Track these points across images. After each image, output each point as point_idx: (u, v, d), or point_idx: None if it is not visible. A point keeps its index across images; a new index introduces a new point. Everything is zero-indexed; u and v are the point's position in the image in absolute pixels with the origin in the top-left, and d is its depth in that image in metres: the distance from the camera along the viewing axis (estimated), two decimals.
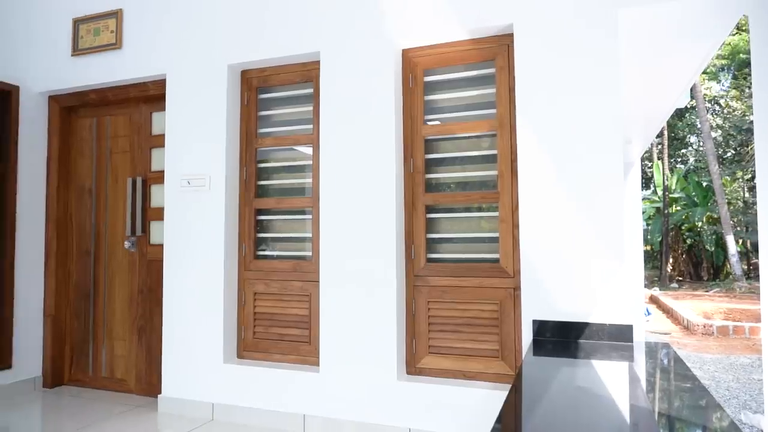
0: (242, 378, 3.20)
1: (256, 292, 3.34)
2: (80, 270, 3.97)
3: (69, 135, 4.05)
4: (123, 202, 3.82)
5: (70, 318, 3.99)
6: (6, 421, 3.34)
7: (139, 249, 3.76)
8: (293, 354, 3.23)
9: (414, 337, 2.96)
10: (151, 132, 3.78)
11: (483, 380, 2.82)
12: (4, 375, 3.70)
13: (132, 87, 3.70)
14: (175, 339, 3.38)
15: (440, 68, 3.02)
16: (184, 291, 3.36)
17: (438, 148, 3.04)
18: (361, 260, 2.96)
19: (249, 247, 3.37)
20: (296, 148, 3.37)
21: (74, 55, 3.80)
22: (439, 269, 2.95)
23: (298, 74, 3.31)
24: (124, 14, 3.66)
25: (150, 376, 3.68)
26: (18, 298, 3.79)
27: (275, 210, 3.39)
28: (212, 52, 3.37)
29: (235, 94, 3.39)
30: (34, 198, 3.91)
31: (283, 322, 3.28)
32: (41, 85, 3.91)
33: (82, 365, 3.94)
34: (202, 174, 3.33)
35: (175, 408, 3.34)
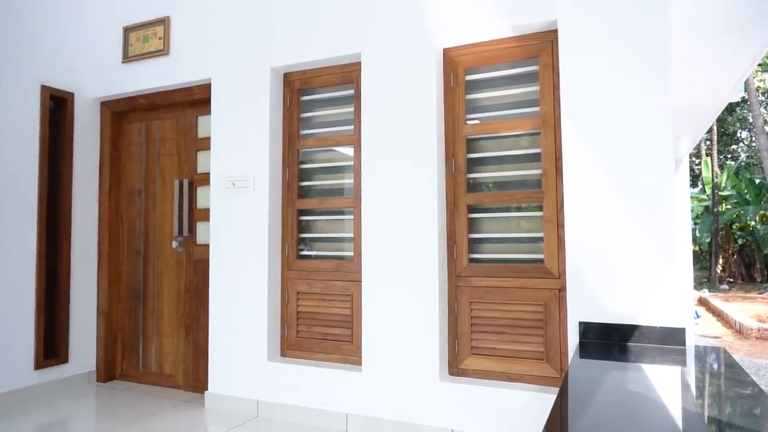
0: (286, 376, 3.25)
1: (298, 292, 3.39)
2: (131, 269, 4.12)
3: (120, 139, 4.21)
4: (170, 203, 3.94)
5: (122, 315, 4.14)
6: (64, 413, 3.50)
7: (185, 249, 3.87)
8: (335, 353, 3.27)
9: (456, 338, 2.95)
10: (197, 135, 3.89)
11: (527, 383, 2.78)
12: (62, 369, 3.88)
13: (178, 92, 3.81)
14: (221, 337, 3.46)
15: (482, 66, 3.00)
16: (229, 290, 3.44)
17: (480, 147, 3.01)
18: (402, 260, 2.96)
19: (292, 247, 3.42)
20: (337, 149, 3.40)
21: (124, 62, 3.94)
22: (481, 270, 2.92)
23: (339, 76, 3.34)
24: (171, 21, 3.78)
25: (197, 372, 3.79)
26: (73, 296, 3.96)
27: (317, 210, 3.43)
28: (255, 56, 3.44)
29: (278, 97, 3.45)
30: (87, 200, 4.08)
31: (326, 321, 3.31)
32: (94, 91, 4.07)
33: (133, 361, 4.09)
34: (246, 175, 3.40)
35: (221, 404, 3.42)
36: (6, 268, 3.55)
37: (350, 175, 3.33)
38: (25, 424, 3.27)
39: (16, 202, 3.62)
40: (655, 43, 2.46)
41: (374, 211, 3.05)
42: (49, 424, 3.33)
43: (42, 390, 3.73)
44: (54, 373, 3.83)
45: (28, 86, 3.70)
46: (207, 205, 3.77)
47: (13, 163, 3.60)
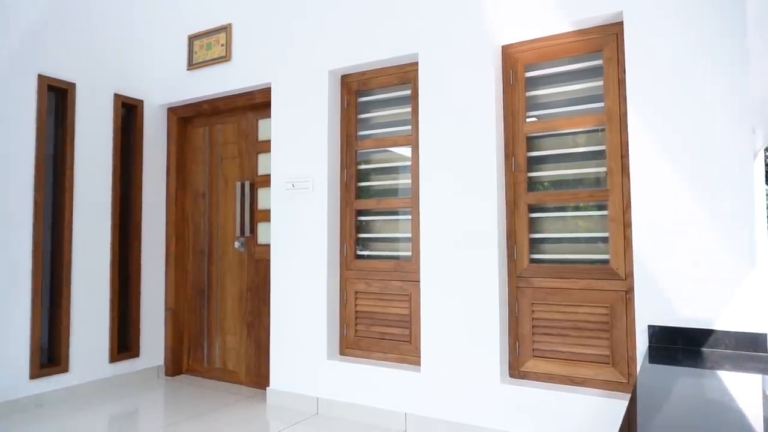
0: (345, 374, 3.29)
1: (357, 291, 3.42)
2: (195, 268, 4.28)
3: (185, 143, 4.38)
4: (233, 204, 4.07)
5: (187, 312, 4.32)
6: (136, 404, 3.68)
7: (247, 249, 3.99)
8: (393, 353, 3.28)
9: (517, 340, 2.89)
10: (257, 138, 4.00)
11: (592, 387, 2.69)
12: (133, 363, 4.08)
13: (240, 96, 3.93)
14: (281, 335, 3.54)
15: (542, 63, 2.93)
16: (290, 289, 3.52)
17: (541, 145, 2.94)
18: (461, 261, 2.94)
19: (350, 247, 3.46)
20: (394, 149, 3.41)
21: (189, 69, 4.10)
22: (543, 270, 2.85)
23: (396, 76, 3.35)
24: (233, 28, 3.90)
25: (258, 368, 3.89)
26: (144, 294, 4.16)
27: (375, 210, 3.46)
28: (313, 60, 3.50)
29: (336, 99, 3.50)
30: (156, 202, 4.28)
31: (384, 320, 3.33)
32: (161, 98, 4.26)
33: (198, 356, 4.25)
34: (305, 177, 3.47)
35: (283, 400, 3.50)
36: (86, 268, 3.77)
37: (408, 175, 3.33)
38: (102, 413, 3.46)
39: (94, 204, 3.84)
40: (730, 31, 2.32)
41: (432, 211, 3.04)
42: (122, 414, 3.51)
43: (116, 382, 3.94)
44: (126, 367, 4.03)
45: (103, 95, 3.92)
46: (267, 206, 3.87)
47: (92, 168, 3.82)
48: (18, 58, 3.44)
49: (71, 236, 3.69)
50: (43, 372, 3.52)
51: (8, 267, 3.37)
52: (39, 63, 3.55)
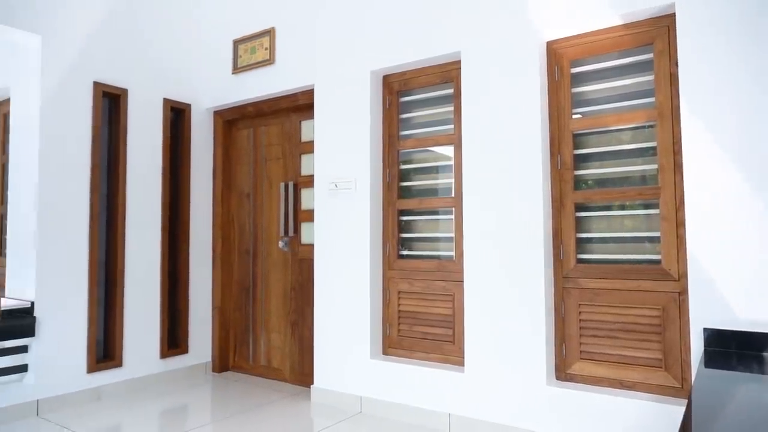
0: (388, 374, 3.30)
1: (400, 291, 3.43)
2: (241, 267, 4.38)
3: (230, 145, 4.49)
4: (277, 205, 4.15)
5: (233, 310, 4.42)
6: (185, 399, 3.79)
7: (291, 248, 4.06)
8: (437, 353, 3.27)
9: (564, 342, 2.84)
10: (300, 139, 4.05)
11: (642, 391, 2.61)
12: (182, 359, 4.21)
13: (283, 98, 4.00)
14: (325, 334, 3.58)
15: (589, 58, 2.86)
16: (333, 288, 3.55)
17: (588, 142, 2.88)
18: (506, 261, 2.90)
19: (393, 247, 3.47)
20: (433, 149, 3.40)
21: (234, 73, 4.20)
22: (590, 270, 2.79)
23: (437, 75, 3.34)
24: (276, 32, 3.97)
25: (302, 366, 3.95)
26: (192, 292, 4.29)
27: (417, 210, 3.45)
28: (355, 61, 3.52)
29: (378, 99, 3.51)
30: (203, 203, 4.40)
31: (427, 320, 3.32)
32: (208, 102, 4.38)
33: (244, 353, 4.34)
34: (348, 177, 3.50)
35: (326, 398, 3.54)
36: (138, 267, 3.91)
37: (450, 174, 3.32)
38: (154, 406, 3.59)
39: (145, 206, 3.98)
40: None
41: (476, 210, 3.01)
42: (173, 408, 3.62)
43: (166, 377, 4.07)
44: (175, 363, 4.16)
45: (154, 100, 4.06)
46: (311, 206, 3.92)
47: (143, 171, 3.96)
48: (76, 67, 3.60)
49: (124, 237, 3.84)
50: (100, 366, 3.67)
51: (68, 267, 3.53)
52: (94, 71, 3.70)
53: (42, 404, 3.37)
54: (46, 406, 3.39)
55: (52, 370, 3.44)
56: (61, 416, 3.33)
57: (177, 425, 3.40)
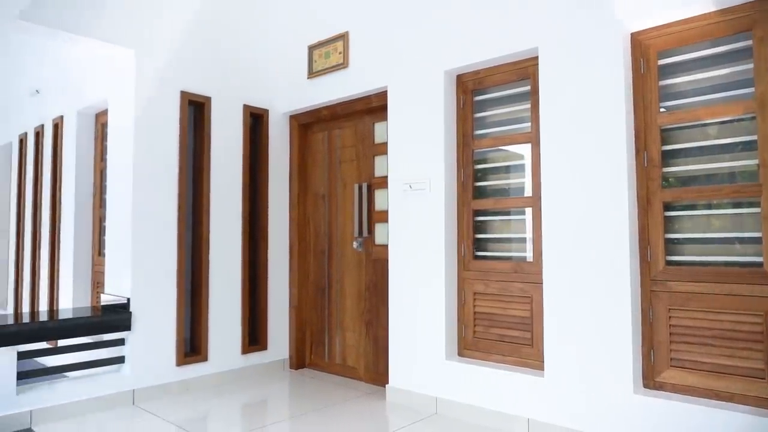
0: (464, 375, 3.27)
1: (475, 292, 3.38)
2: (317, 267, 4.49)
3: (305, 148, 4.61)
4: (351, 206, 4.22)
5: (309, 309, 4.53)
6: (264, 394, 3.94)
7: (365, 249, 4.11)
8: (514, 355, 3.20)
9: (652, 348, 2.69)
10: (373, 141, 4.10)
11: (741, 403, 2.43)
12: (262, 355, 4.36)
13: (357, 101, 4.06)
14: (400, 334, 3.60)
15: (677, 48, 2.70)
16: (408, 289, 3.56)
17: (677, 137, 2.72)
18: (588, 262, 2.79)
19: (468, 248, 3.43)
20: (507, 148, 3.33)
21: (309, 78, 4.31)
22: (681, 273, 2.63)
23: (513, 73, 3.27)
24: (350, 36, 4.04)
25: (377, 365, 3.99)
26: (270, 291, 4.44)
27: (493, 210, 3.40)
28: (429, 61, 3.52)
29: (451, 99, 3.49)
30: (280, 205, 4.55)
31: (504, 322, 3.26)
32: (284, 106, 4.52)
33: (320, 351, 4.45)
34: (422, 177, 3.50)
35: (401, 398, 3.56)
36: (221, 267, 4.10)
37: (528, 173, 3.24)
38: (236, 399, 3.75)
39: (227, 208, 4.16)
40: None
41: (556, 210, 2.92)
42: (254, 402, 3.77)
43: (246, 373, 4.24)
44: (255, 359, 4.32)
45: (234, 106, 4.25)
46: (385, 207, 3.95)
47: (224, 175, 4.15)
48: (165, 78, 3.83)
49: (208, 239, 4.03)
50: (187, 360, 3.88)
51: (159, 266, 3.75)
52: (181, 80, 3.92)
53: (137, 394, 3.61)
54: (141, 395, 3.62)
55: (145, 362, 3.67)
56: (154, 405, 3.55)
57: (257, 419, 3.53)
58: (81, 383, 3.44)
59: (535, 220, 3.14)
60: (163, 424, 3.24)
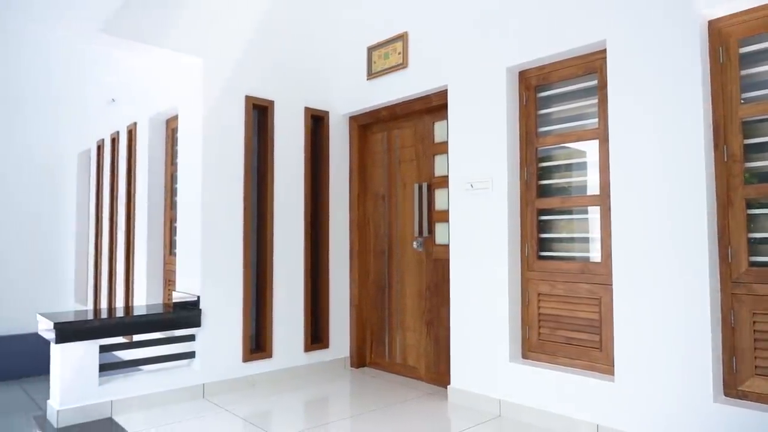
0: (528, 378, 3.19)
1: (540, 293, 3.30)
2: (377, 267, 4.51)
3: (365, 149, 4.65)
4: (411, 206, 4.21)
5: (370, 308, 4.57)
6: (325, 391, 4.00)
7: (425, 248, 4.10)
8: (582, 359, 3.10)
9: (734, 354, 2.54)
10: (433, 140, 4.08)
11: None
12: (323, 353, 4.43)
13: (417, 101, 4.05)
14: (461, 334, 3.56)
15: (762, 35, 2.53)
16: (469, 289, 3.52)
17: (760, 130, 2.55)
18: (662, 263, 2.66)
19: (532, 248, 3.35)
20: (572, 145, 3.22)
21: (369, 79, 4.34)
22: (766, 275, 2.46)
23: (579, 67, 3.17)
24: (409, 36, 4.03)
25: (438, 366, 3.97)
26: (331, 290, 4.51)
27: (558, 209, 3.31)
28: (490, 58, 3.47)
29: (514, 96, 3.42)
30: (340, 205, 4.61)
31: (570, 325, 3.16)
32: (344, 108, 4.58)
33: (380, 350, 4.47)
34: (484, 177, 3.45)
35: (463, 400, 3.52)
36: (284, 266, 4.20)
37: (595, 170, 3.13)
38: (299, 396, 3.83)
39: (290, 209, 4.26)
40: None
41: (626, 208, 2.81)
42: (316, 399, 3.84)
43: (308, 370, 4.32)
44: (317, 357, 4.39)
45: (296, 109, 4.34)
46: (445, 206, 3.93)
47: (287, 177, 4.25)
48: (230, 84, 3.96)
49: (272, 239, 4.14)
50: (253, 357, 4.00)
51: (226, 266, 3.88)
52: (246, 85, 4.05)
53: (207, 388, 3.75)
54: (210, 389, 3.76)
55: (214, 358, 3.81)
56: (222, 399, 3.68)
57: (320, 416, 3.59)
58: (155, 376, 3.61)
59: (603, 219, 3.03)
60: (232, 418, 3.35)
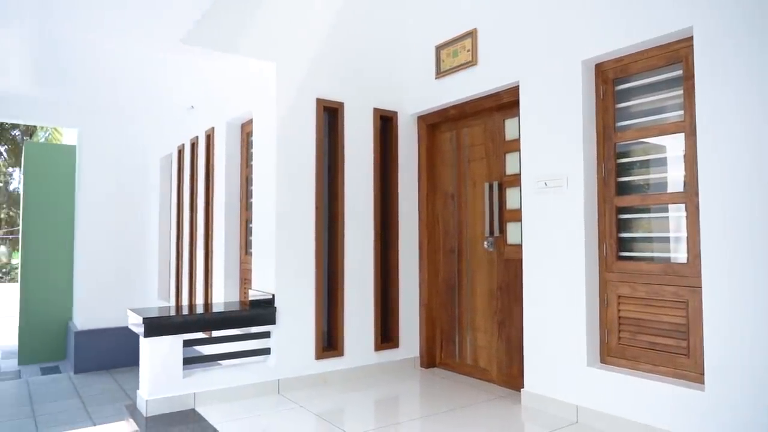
0: (607, 384, 3.06)
1: (619, 295, 3.16)
2: (446, 266, 4.48)
3: (433, 148, 4.63)
4: (481, 205, 4.15)
5: (439, 308, 4.54)
6: (395, 391, 4.02)
7: (496, 248, 4.02)
8: (667, 366, 2.93)
9: None
10: (504, 138, 4.00)
11: None
12: (393, 353, 4.45)
13: (487, 98, 3.98)
14: (535, 337, 3.47)
15: None
16: (544, 290, 3.42)
17: None
18: (761, 265, 2.46)
19: (610, 248, 3.21)
20: (653, 140, 3.05)
21: (437, 78, 4.31)
22: None
23: (661, 58, 3.00)
24: (478, 32, 3.97)
25: (510, 368, 3.88)
26: (401, 289, 4.52)
27: (639, 207, 3.14)
28: (564, 52, 3.35)
29: (590, 90, 3.29)
30: (409, 203, 4.61)
31: (653, 329, 3.00)
32: (412, 107, 4.58)
33: (450, 351, 4.43)
34: (558, 174, 3.34)
35: (538, 404, 3.42)
36: (354, 266, 4.25)
37: (677, 166, 2.95)
38: (370, 394, 3.88)
39: (359, 209, 4.31)
40: None
41: (717, 206, 2.62)
42: (386, 398, 3.87)
43: (378, 369, 4.35)
44: (387, 356, 4.42)
45: (365, 110, 4.39)
46: (517, 205, 3.83)
47: (357, 177, 4.31)
48: (302, 87, 4.06)
49: (343, 239, 4.21)
50: (325, 354, 4.08)
51: (299, 265, 3.99)
52: (317, 88, 4.13)
53: (282, 383, 3.86)
54: (285, 385, 3.87)
55: (288, 354, 3.92)
56: (296, 395, 3.78)
57: (391, 416, 3.61)
58: (233, 371, 3.77)
59: (690, 217, 2.85)
60: (306, 414, 3.43)
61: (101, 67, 4.95)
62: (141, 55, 4.49)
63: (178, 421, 3.28)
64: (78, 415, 4.78)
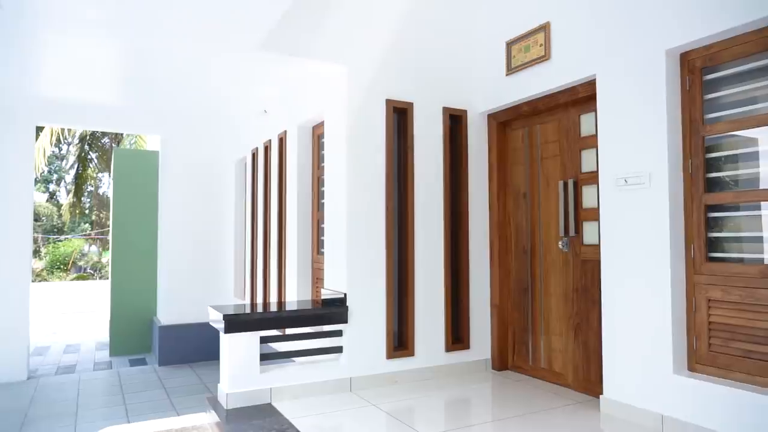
0: (696, 394, 2.88)
1: (710, 299, 2.96)
2: (518, 266, 4.38)
3: (504, 146, 4.54)
4: (554, 204, 4.02)
5: (511, 309, 4.44)
6: (466, 393, 3.97)
7: (572, 249, 3.88)
8: (764, 376, 2.71)
9: None
10: (579, 134, 3.85)
11: None
12: (464, 354, 4.40)
13: (561, 93, 3.85)
14: (615, 341, 3.31)
15: None
16: (625, 293, 3.26)
17: None
18: None
19: (699, 248, 3.02)
20: (748, 133, 2.82)
21: (508, 75, 4.22)
22: None
23: (756, 43, 2.78)
24: (551, 26, 3.85)
25: (587, 373, 3.73)
26: (472, 289, 4.46)
27: (730, 205, 2.93)
28: (645, 42, 3.18)
29: (674, 81, 3.10)
30: (479, 203, 4.54)
31: (749, 336, 2.79)
32: (481, 105, 4.51)
33: (522, 354, 4.33)
34: (639, 171, 3.17)
35: (618, 412, 3.27)
36: (425, 266, 4.24)
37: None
38: (440, 395, 3.86)
39: (429, 208, 4.30)
40: None
41: None
42: (457, 400, 3.83)
43: (449, 370, 4.31)
44: (458, 357, 4.37)
45: (434, 110, 4.36)
46: (593, 204, 3.69)
47: (426, 176, 4.29)
48: (372, 89, 4.09)
49: (413, 238, 4.20)
50: (395, 354, 4.09)
51: (370, 265, 4.03)
52: (386, 89, 4.16)
53: (353, 381, 3.91)
54: (357, 383, 3.92)
55: (360, 353, 3.96)
56: (368, 394, 3.81)
57: (461, 418, 3.57)
58: (307, 368, 3.85)
59: None
60: (378, 412, 3.46)
61: (181, 75, 5.22)
62: (218, 61, 4.69)
63: (256, 415, 3.40)
64: (163, 405, 5.06)
